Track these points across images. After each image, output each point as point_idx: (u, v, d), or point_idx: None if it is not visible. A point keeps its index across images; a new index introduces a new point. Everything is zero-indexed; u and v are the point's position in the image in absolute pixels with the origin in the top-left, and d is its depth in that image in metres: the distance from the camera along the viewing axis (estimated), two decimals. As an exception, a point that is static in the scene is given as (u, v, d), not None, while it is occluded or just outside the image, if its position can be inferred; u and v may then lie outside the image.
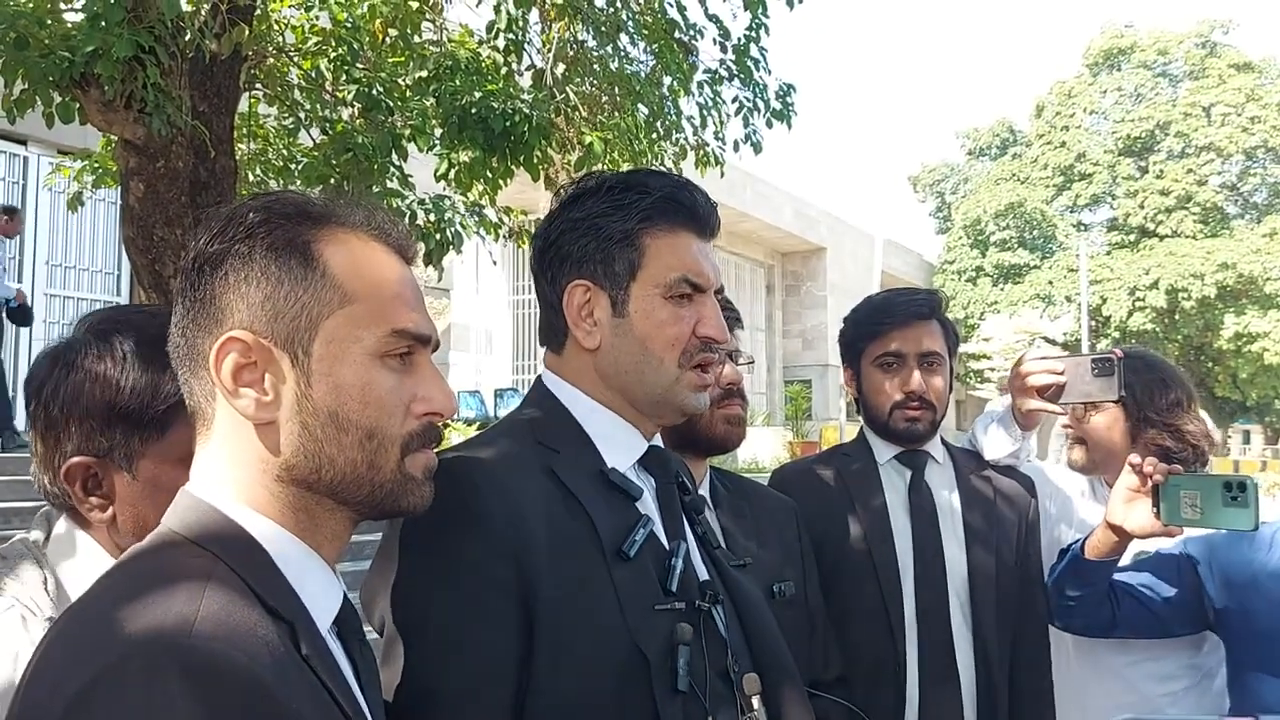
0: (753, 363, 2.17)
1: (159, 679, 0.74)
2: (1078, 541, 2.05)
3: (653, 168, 5.55)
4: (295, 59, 5.70)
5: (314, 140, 5.79)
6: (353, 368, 0.95)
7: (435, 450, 1.04)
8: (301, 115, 5.85)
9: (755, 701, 1.23)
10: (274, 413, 0.93)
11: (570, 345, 1.34)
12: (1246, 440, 37.53)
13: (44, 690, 0.77)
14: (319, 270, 0.95)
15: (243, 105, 5.28)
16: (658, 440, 1.40)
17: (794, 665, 1.35)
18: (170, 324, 0.98)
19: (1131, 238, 32.90)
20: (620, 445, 1.32)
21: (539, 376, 1.40)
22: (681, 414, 1.34)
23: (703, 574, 1.31)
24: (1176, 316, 30.46)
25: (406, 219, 5.34)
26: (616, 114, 5.76)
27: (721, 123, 6.17)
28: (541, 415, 1.34)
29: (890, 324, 2.11)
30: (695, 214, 1.34)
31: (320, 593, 0.95)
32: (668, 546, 1.27)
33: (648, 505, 1.31)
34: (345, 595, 1.00)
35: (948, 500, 2.13)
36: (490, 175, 5.52)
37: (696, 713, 1.17)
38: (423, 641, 1.17)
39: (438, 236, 5.61)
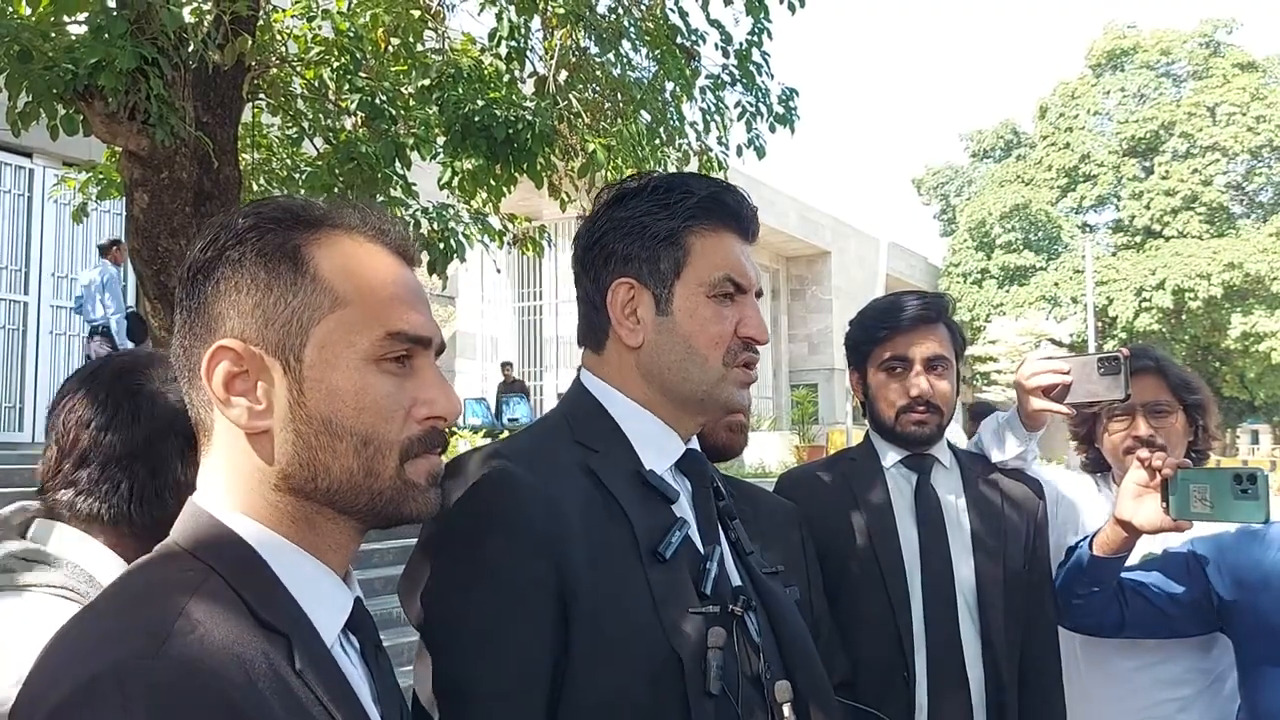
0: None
1: (123, 700, 0.73)
2: (1086, 539, 2.04)
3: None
4: (298, 69, 5.71)
5: (317, 150, 5.81)
6: (345, 373, 0.92)
7: (441, 454, 1.01)
8: (305, 125, 5.86)
9: (786, 709, 1.23)
10: (267, 421, 0.91)
11: (612, 344, 1.35)
12: (1255, 440, 37.34)
13: (26, 704, 0.78)
14: (309, 274, 0.93)
15: (246, 115, 5.28)
16: (694, 444, 1.40)
17: (826, 674, 1.35)
18: (174, 335, 0.98)
19: (1137, 238, 32.86)
20: (657, 447, 1.33)
21: (577, 376, 1.40)
22: (726, 410, 1.38)
23: (736, 579, 1.31)
24: (1183, 317, 30.42)
25: (410, 228, 5.34)
26: (619, 120, 5.76)
27: (724, 128, 6.15)
28: (579, 414, 1.34)
29: (896, 328, 2.10)
30: (739, 216, 1.36)
31: (325, 602, 0.93)
32: (703, 550, 1.28)
33: (684, 508, 1.31)
34: (359, 602, 0.98)
35: (954, 504, 2.12)
36: (493, 183, 5.52)
37: (728, 716, 1.17)
38: (459, 638, 1.17)
39: (442, 245, 5.61)
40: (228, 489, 0.93)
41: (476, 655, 1.15)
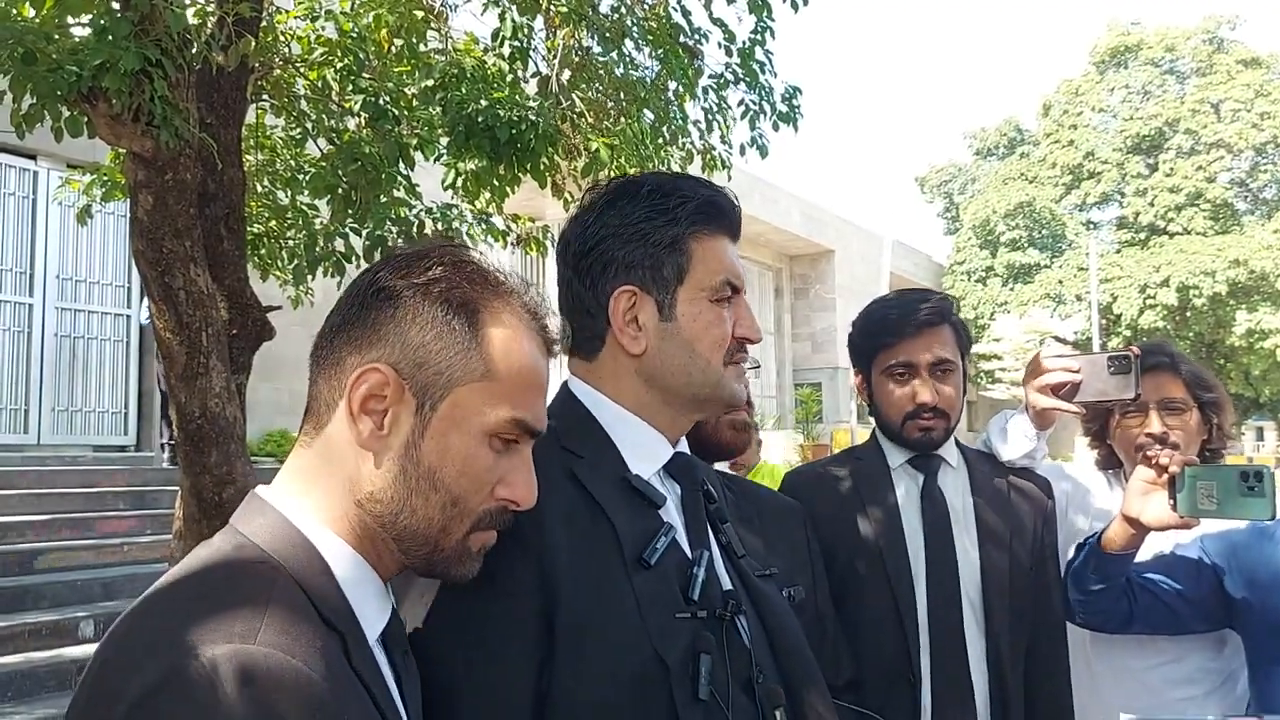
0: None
1: (222, 683, 0.77)
2: (1095, 535, 2.04)
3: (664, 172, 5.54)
4: (302, 70, 5.71)
5: (321, 150, 5.80)
6: (464, 437, 1.00)
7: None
8: (308, 126, 5.85)
9: (779, 714, 1.23)
10: (381, 446, 0.99)
11: (609, 350, 1.34)
12: (1260, 437, 37.32)
13: (108, 689, 0.80)
14: (477, 338, 1.01)
15: (250, 116, 5.28)
16: (684, 447, 1.40)
17: (821, 678, 1.34)
18: (325, 323, 1.04)
19: (1142, 235, 32.77)
20: (645, 451, 1.33)
21: (564, 382, 1.40)
22: (728, 405, 1.39)
23: (726, 584, 1.31)
24: (1188, 314, 30.33)
25: (414, 229, 5.34)
26: (622, 120, 5.75)
27: (727, 127, 6.14)
28: (565, 420, 1.33)
29: (900, 335, 2.08)
30: (733, 219, 1.39)
31: (372, 607, 0.99)
32: (690, 555, 1.27)
33: (671, 513, 1.30)
34: (394, 608, 1.05)
35: (961, 504, 2.11)
36: (497, 183, 5.51)
37: None
38: (445, 645, 1.17)
39: (446, 245, 5.59)
40: (309, 490, 0.99)
41: (463, 663, 1.15)
